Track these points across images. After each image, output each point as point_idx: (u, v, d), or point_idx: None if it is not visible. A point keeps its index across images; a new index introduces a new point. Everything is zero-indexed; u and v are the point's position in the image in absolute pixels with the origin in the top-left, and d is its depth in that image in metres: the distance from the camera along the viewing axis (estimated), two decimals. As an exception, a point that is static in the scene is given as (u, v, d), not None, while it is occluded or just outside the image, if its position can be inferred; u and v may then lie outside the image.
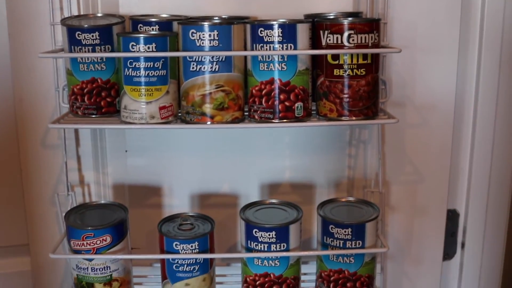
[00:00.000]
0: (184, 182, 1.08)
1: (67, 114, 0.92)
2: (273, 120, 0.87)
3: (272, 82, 0.85)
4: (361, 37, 0.84)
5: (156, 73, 0.84)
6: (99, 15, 0.94)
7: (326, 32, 0.85)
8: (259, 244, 0.92)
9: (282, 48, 0.83)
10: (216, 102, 0.85)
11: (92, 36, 0.87)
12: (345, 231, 0.92)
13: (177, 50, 0.86)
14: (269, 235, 0.91)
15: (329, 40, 0.85)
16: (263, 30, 0.83)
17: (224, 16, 0.96)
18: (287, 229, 0.92)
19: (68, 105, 0.93)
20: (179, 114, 0.89)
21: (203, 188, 1.09)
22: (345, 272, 0.95)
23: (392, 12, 1.00)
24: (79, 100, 0.90)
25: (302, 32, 0.84)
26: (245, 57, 0.87)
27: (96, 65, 0.88)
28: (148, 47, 0.83)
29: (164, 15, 0.96)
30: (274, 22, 0.83)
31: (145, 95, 0.85)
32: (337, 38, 0.84)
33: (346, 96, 0.86)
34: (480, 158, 1.09)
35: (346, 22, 0.83)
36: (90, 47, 0.87)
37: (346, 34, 0.84)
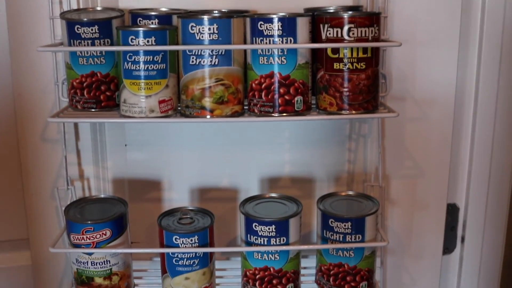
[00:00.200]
0: (183, 176, 1.08)
1: (67, 108, 0.92)
2: (272, 114, 0.86)
3: (271, 75, 0.85)
4: (361, 31, 0.84)
5: (156, 66, 0.84)
6: (99, 8, 0.94)
7: (326, 25, 0.84)
8: (259, 238, 0.92)
9: (282, 42, 0.83)
10: (216, 96, 0.85)
11: (92, 30, 0.87)
12: (345, 225, 0.92)
13: (176, 43, 0.86)
14: (268, 229, 0.91)
15: (329, 33, 0.85)
16: (263, 23, 0.83)
17: (223, 10, 0.96)
18: (286, 223, 0.92)
19: (67, 99, 0.92)
20: (179, 108, 0.89)
21: (203, 182, 1.09)
22: (345, 266, 0.95)
23: (392, 6, 1.00)
24: (78, 94, 0.90)
25: (302, 25, 0.84)
26: (245, 51, 0.87)
27: (95, 59, 0.88)
28: (148, 41, 0.83)
29: (163, 9, 0.96)
30: (274, 16, 0.83)
31: (144, 89, 0.85)
32: (337, 32, 0.84)
33: (346, 90, 0.86)
34: (480, 152, 1.09)
35: (346, 16, 0.83)
36: (89, 41, 0.87)
37: (346, 27, 0.83)
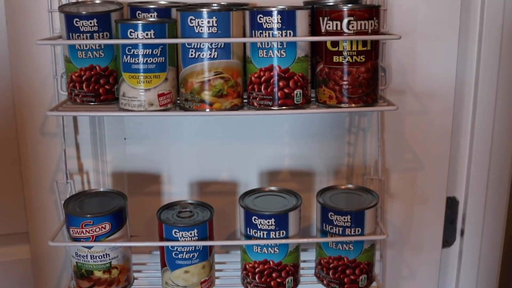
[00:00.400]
0: (183, 170, 1.08)
1: (66, 102, 0.92)
2: (272, 107, 0.86)
3: (271, 69, 0.85)
4: (361, 24, 0.83)
5: (155, 60, 0.84)
6: (97, 1, 0.93)
7: (325, 18, 0.84)
8: (258, 232, 0.92)
9: (281, 35, 0.83)
10: (215, 89, 0.85)
11: (90, 23, 0.87)
12: (344, 218, 0.92)
13: (175, 37, 0.85)
14: (268, 222, 0.91)
15: (329, 26, 0.84)
16: (262, 16, 0.83)
17: (223, 3, 0.95)
18: (286, 216, 0.92)
19: (66, 93, 0.92)
20: (178, 102, 0.89)
21: (202, 175, 1.09)
22: (344, 259, 0.95)
23: (392, -1, 1.00)
24: (77, 88, 0.89)
25: (302, 18, 0.83)
26: (244, 44, 0.86)
27: (94, 52, 0.88)
28: (147, 34, 0.83)
29: (162, 2, 0.95)
30: (273, 9, 0.82)
31: (143, 82, 0.84)
32: (336, 25, 0.84)
33: (346, 83, 0.86)
34: (480, 145, 1.09)
35: (345, 9, 0.83)
36: (88, 34, 0.87)
37: (345, 20, 0.83)
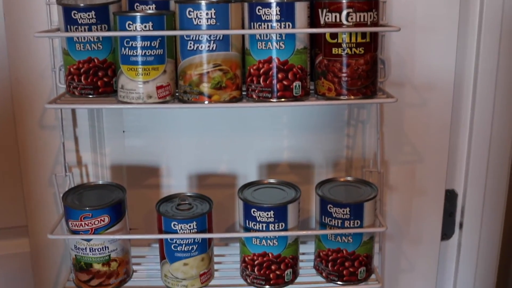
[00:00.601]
0: (182, 163, 1.08)
1: (64, 95, 0.92)
2: (271, 100, 0.86)
3: (270, 61, 0.84)
4: (360, 16, 0.83)
5: (153, 52, 0.84)
6: (95, -6, 0.93)
7: (324, 10, 0.84)
8: (257, 224, 0.92)
9: (280, 27, 0.83)
10: (214, 81, 0.85)
11: (88, 15, 0.86)
12: (343, 211, 0.92)
13: (174, 29, 0.85)
14: (267, 214, 0.91)
15: (328, 18, 0.84)
16: (261, 8, 0.83)
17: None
18: (285, 208, 0.92)
19: (64, 85, 0.92)
20: (177, 94, 0.89)
21: (201, 168, 1.09)
22: (343, 252, 0.95)
23: (391, -9, 1.00)
24: (75, 80, 0.89)
25: (300, 10, 0.83)
26: (243, 36, 0.86)
27: (92, 44, 0.88)
28: (145, 26, 0.82)
29: (160, -6, 0.95)
30: (272, 1, 0.82)
31: (142, 75, 0.84)
32: (335, 17, 0.83)
33: (345, 75, 0.85)
34: (479, 138, 1.09)
35: (344, 1, 0.82)
36: (86, 27, 0.87)
37: (344, 12, 0.83)
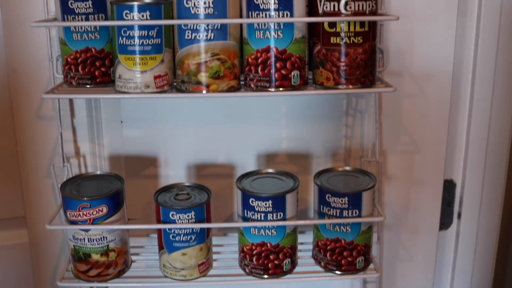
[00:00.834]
0: (180, 152, 1.08)
1: (61, 85, 0.91)
2: (269, 89, 0.86)
3: (268, 50, 0.84)
4: (358, 5, 0.83)
5: (151, 41, 0.83)
6: (92, -17, 0.92)
7: (322, -1, 0.84)
8: (255, 214, 0.92)
9: (278, 16, 0.82)
10: (212, 70, 0.84)
11: (85, 4, 0.86)
12: (341, 200, 0.92)
13: (171, 18, 0.85)
14: (265, 204, 0.91)
15: (326, 7, 0.84)
16: (259, -3, 0.82)
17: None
18: (283, 198, 0.92)
19: (62, 76, 0.92)
20: (174, 83, 0.88)
21: (199, 158, 1.09)
22: (341, 241, 0.95)
23: (389, -20, 0.99)
24: (73, 70, 0.89)
25: (299, -1, 0.83)
26: (241, 25, 0.86)
27: (89, 34, 0.87)
28: (142, 15, 0.82)
29: (158, -17, 0.94)
30: (270, -11, 0.82)
31: (139, 64, 0.84)
32: (334, 6, 0.83)
33: (343, 64, 0.85)
34: (477, 128, 1.09)
35: (343, -11, 0.82)
36: (83, 16, 0.86)
37: (343, 1, 0.82)
